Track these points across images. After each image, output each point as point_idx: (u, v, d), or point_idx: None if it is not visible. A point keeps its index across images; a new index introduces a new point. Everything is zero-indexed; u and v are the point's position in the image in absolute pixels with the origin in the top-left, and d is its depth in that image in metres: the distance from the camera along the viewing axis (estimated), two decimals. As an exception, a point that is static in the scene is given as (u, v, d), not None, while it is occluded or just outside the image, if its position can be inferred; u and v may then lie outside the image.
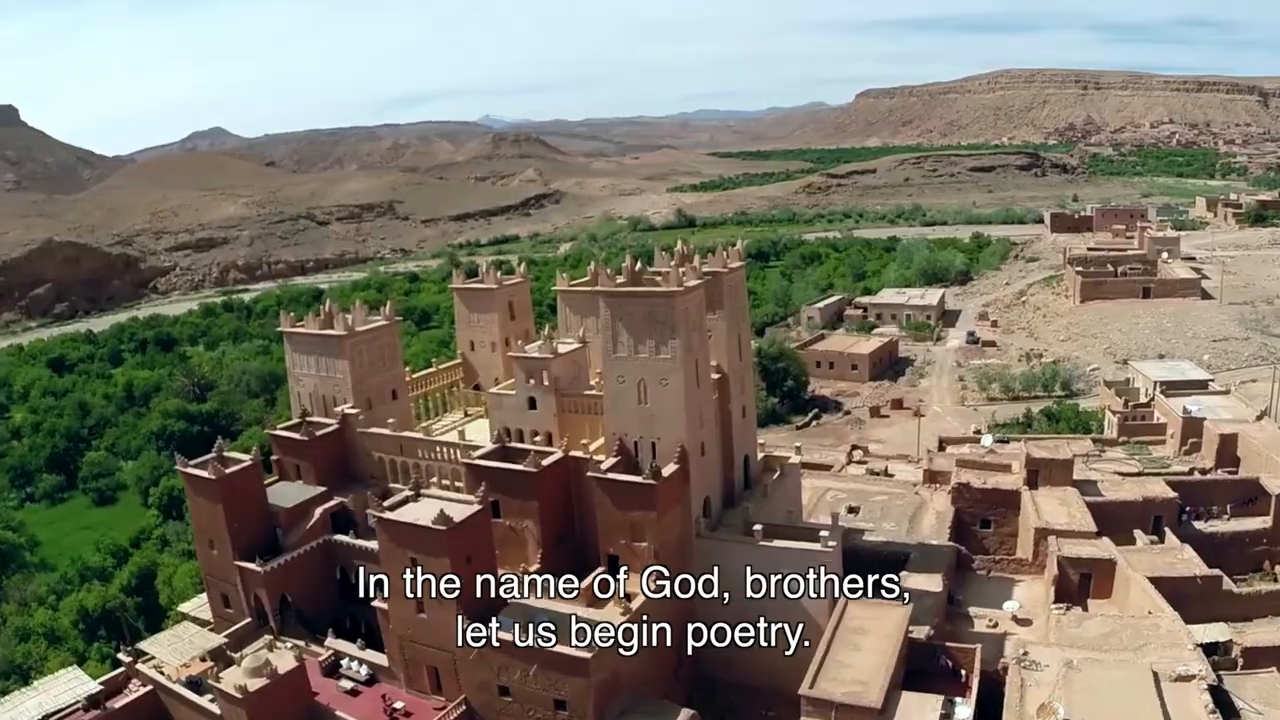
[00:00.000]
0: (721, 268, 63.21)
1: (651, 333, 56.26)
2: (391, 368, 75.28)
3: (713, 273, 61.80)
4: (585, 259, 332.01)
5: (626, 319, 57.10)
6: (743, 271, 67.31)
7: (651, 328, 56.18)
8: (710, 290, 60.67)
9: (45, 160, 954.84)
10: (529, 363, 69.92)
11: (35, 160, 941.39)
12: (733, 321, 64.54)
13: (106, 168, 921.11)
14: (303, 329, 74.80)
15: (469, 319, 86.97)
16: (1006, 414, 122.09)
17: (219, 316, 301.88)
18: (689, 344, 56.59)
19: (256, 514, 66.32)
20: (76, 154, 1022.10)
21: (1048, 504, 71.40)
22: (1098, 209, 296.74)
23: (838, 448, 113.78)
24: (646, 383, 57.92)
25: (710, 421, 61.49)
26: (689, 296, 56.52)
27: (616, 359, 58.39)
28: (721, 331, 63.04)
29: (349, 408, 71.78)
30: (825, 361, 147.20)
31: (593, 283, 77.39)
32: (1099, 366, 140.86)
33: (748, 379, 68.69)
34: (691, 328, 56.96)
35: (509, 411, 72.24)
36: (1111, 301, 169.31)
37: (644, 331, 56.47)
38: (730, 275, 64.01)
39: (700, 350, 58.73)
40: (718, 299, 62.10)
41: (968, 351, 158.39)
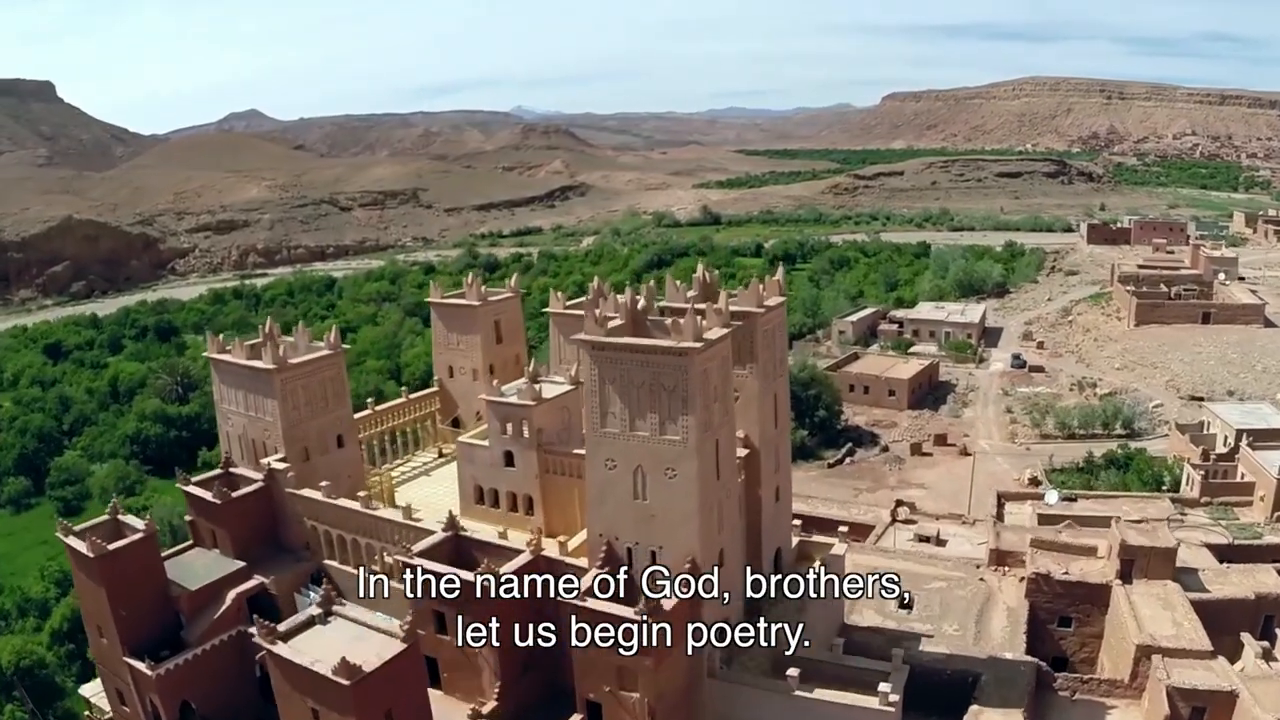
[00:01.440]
0: (756, 306, 47.19)
1: (656, 402, 40.69)
2: (335, 408, 61.34)
3: (744, 314, 46.24)
4: (606, 254, 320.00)
5: (621, 381, 41.20)
6: (783, 310, 50.80)
7: (656, 395, 40.54)
8: (740, 338, 45.45)
9: (80, 137, 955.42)
10: (505, 409, 56.79)
11: (69, 136, 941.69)
12: (768, 377, 48.49)
13: (141, 146, 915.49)
14: (229, 356, 61.33)
15: (447, 340, 74.00)
16: (1064, 456, 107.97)
17: (227, 304, 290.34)
18: (707, 420, 40.82)
19: (152, 598, 52.43)
20: (111, 131, 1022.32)
21: (1147, 607, 57.56)
22: (1136, 221, 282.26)
23: (875, 493, 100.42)
24: (646, 471, 42.21)
25: (733, 519, 46.00)
26: (710, 354, 40.50)
27: (605, 436, 42.76)
28: (753, 392, 47.58)
29: (277, 460, 58.41)
30: (860, 385, 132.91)
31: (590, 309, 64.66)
32: (1162, 403, 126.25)
33: (784, 450, 52.82)
34: (712, 396, 41.27)
35: (481, 467, 59.24)
36: (1169, 327, 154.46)
37: (645, 400, 40.95)
38: (768, 317, 48.08)
39: (723, 426, 42.91)
40: (749, 349, 46.83)
41: (1014, 377, 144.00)
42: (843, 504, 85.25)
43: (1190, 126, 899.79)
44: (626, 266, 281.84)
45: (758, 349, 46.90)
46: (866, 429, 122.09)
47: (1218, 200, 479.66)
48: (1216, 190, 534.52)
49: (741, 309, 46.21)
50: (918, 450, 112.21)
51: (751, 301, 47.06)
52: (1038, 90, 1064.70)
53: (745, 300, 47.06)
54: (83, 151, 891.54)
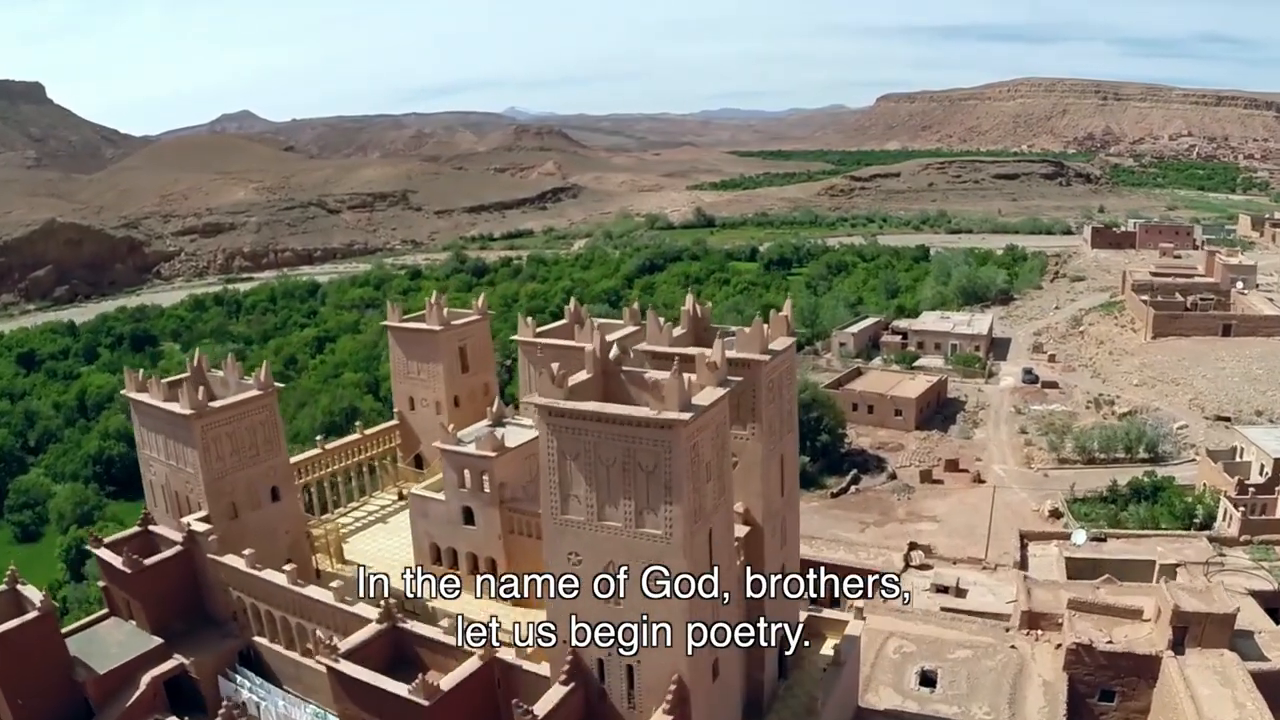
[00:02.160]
0: (759, 352, 37.19)
1: (631, 486, 31.38)
2: (267, 456, 52.78)
3: (745, 362, 36.73)
4: (598, 259, 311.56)
5: (586, 457, 31.71)
6: (792, 353, 41.00)
7: (632, 477, 31.22)
8: (740, 393, 36.11)
9: (69, 138, 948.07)
10: (462, 460, 48.93)
11: (59, 138, 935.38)
12: (773, 437, 38.81)
13: (131, 147, 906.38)
14: (146, 396, 53.06)
15: (407, 369, 66.01)
16: (1085, 483, 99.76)
17: (207, 311, 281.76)
18: (697, 507, 31.61)
19: (54, 683, 44.59)
20: (101, 133, 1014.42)
21: (1204, 684, 49.62)
22: (1141, 225, 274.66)
23: (883, 527, 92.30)
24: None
25: (731, 618, 36.69)
26: (701, 424, 31.05)
27: (567, 525, 33.30)
28: (755, 458, 37.93)
29: (198, 519, 50.21)
30: (863, 404, 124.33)
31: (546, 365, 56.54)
32: (1186, 424, 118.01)
33: (792, 520, 43.49)
34: (704, 476, 31.89)
35: (437, 523, 51.46)
36: (1188, 340, 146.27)
37: (618, 482, 31.60)
38: (774, 365, 38.18)
39: (718, 510, 33.50)
40: (751, 406, 37.32)
41: (1026, 393, 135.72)
42: (850, 546, 77.20)
43: (1186, 127, 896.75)
44: (618, 271, 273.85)
45: (761, 405, 37.19)
46: (872, 453, 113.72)
47: (1216, 202, 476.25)
48: (1214, 192, 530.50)
49: (742, 356, 36.82)
50: (927, 477, 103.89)
51: (754, 345, 37.23)
52: (1033, 91, 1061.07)
53: (746, 342, 37.47)
54: (72, 153, 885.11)
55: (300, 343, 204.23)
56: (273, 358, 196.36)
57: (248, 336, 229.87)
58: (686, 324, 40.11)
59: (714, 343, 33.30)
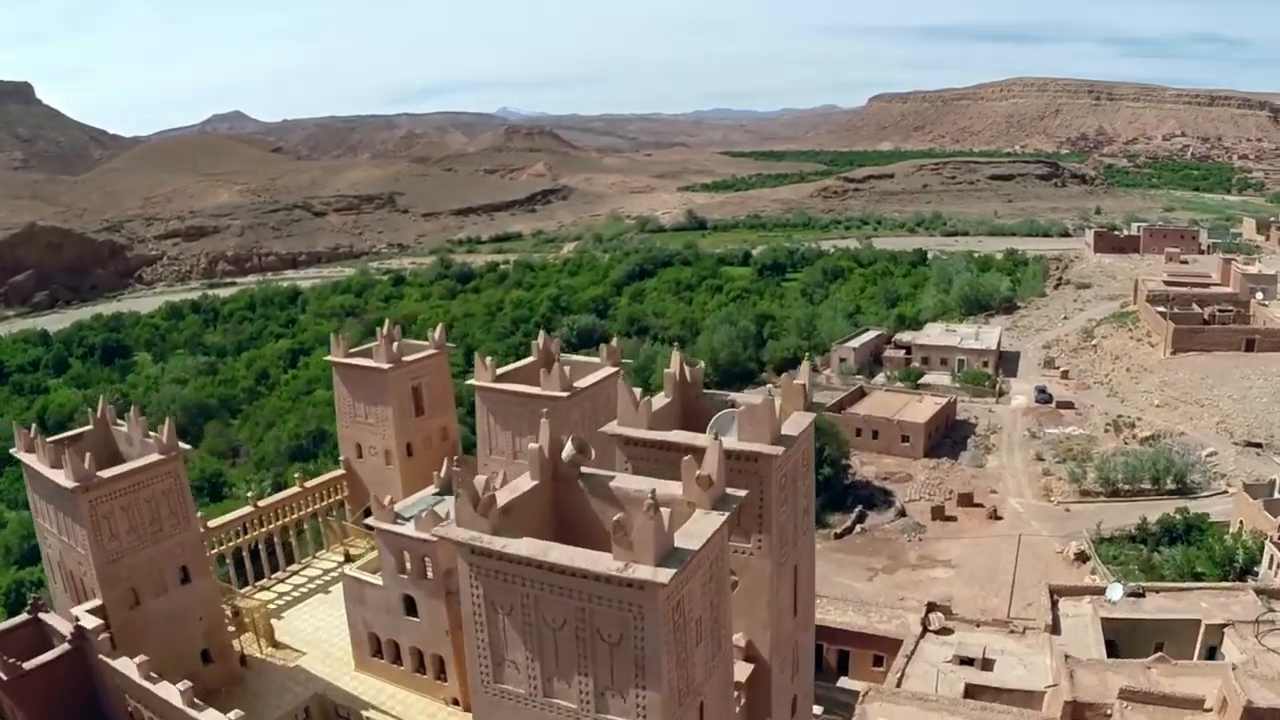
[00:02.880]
0: (768, 440, 27.62)
1: (589, 659, 21.89)
2: (174, 531, 43.96)
3: (750, 456, 27.38)
4: (586, 264, 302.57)
5: (525, 616, 22.30)
6: (810, 432, 30.74)
7: (589, 647, 21.72)
8: (746, 505, 25.80)
9: (57, 139, 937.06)
10: (399, 541, 40.53)
11: (47, 139, 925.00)
12: (785, 547, 29.54)
13: (120, 148, 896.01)
14: (34, 459, 44.22)
15: (353, 411, 57.48)
16: (1112, 520, 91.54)
17: (184, 319, 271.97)
18: (684, 683, 22.09)
19: None
20: (90, 134, 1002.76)
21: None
22: (1145, 228, 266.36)
23: (894, 574, 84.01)
24: None
25: None
26: (688, 574, 21.31)
27: (501, 698, 23.58)
28: (761, 577, 28.63)
29: (90, 609, 41.60)
30: (868, 429, 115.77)
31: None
32: (1215, 450, 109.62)
33: (806, 644, 33.98)
34: (694, 639, 22.36)
35: (375, 612, 43.11)
36: (1209, 355, 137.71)
37: (570, 652, 22.12)
38: (789, 455, 28.51)
39: (712, 676, 23.83)
40: (756, 513, 28.06)
41: (1040, 414, 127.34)
42: (860, 606, 68.74)
43: (1180, 128, 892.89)
44: (606, 278, 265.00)
45: (771, 511, 27.98)
46: (877, 485, 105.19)
47: (1212, 203, 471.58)
48: (1210, 192, 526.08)
49: (746, 448, 27.47)
50: (940, 514, 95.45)
51: (761, 429, 27.59)
52: (1026, 91, 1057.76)
53: (752, 424, 27.84)
54: (60, 154, 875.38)
55: (274, 355, 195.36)
56: (245, 371, 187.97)
57: (222, 347, 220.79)
58: (671, 391, 31.23)
59: (707, 436, 24.45)
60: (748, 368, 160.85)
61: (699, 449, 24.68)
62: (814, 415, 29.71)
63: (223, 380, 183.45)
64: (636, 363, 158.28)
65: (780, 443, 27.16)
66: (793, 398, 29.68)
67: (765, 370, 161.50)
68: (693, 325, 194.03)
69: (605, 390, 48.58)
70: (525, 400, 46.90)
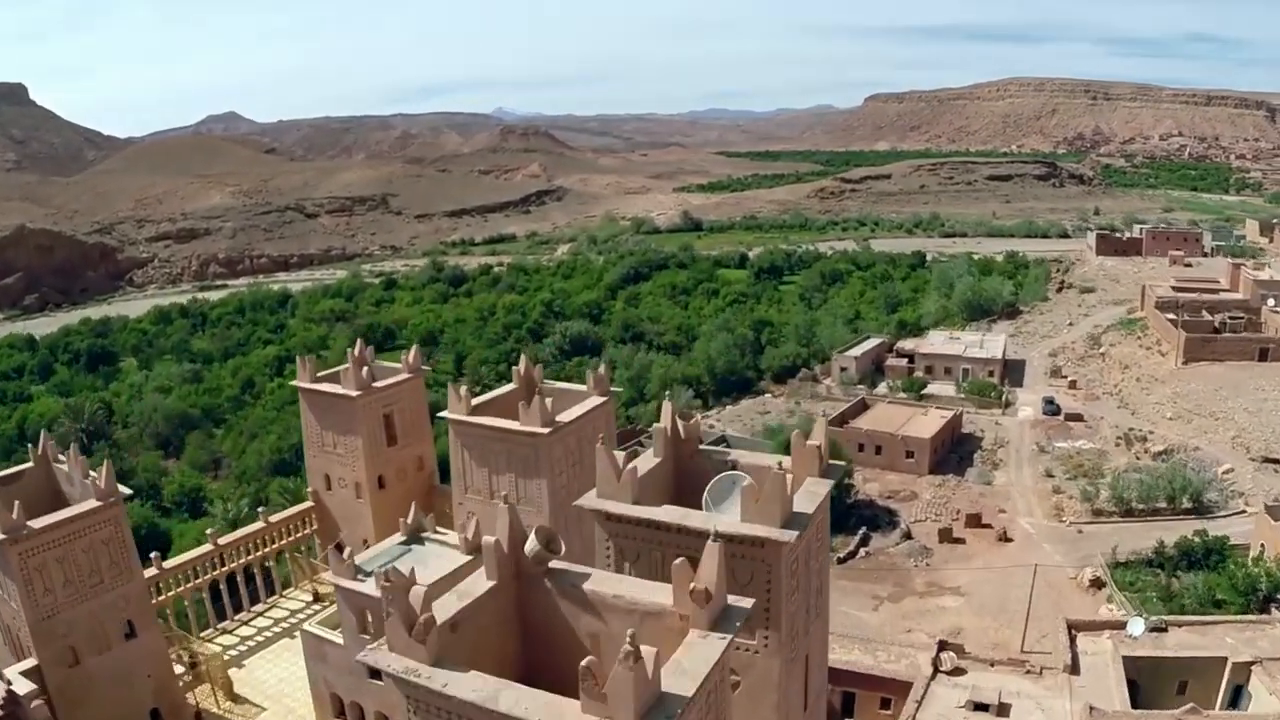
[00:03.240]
0: (778, 523, 23.06)
1: None
2: (116, 583, 39.72)
3: (758, 541, 22.81)
4: (580, 267, 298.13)
5: None
6: (826, 504, 26.40)
7: None
8: (749, 586, 22.80)
9: (51, 140, 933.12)
10: (360, 600, 36.24)
11: (41, 140, 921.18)
12: (796, 639, 24.98)
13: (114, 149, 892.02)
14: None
15: (321, 440, 53.33)
16: (1127, 543, 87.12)
17: (172, 324, 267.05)
18: None
19: None
20: (84, 135, 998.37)
21: None
22: (1147, 230, 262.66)
23: (900, 602, 79.76)
24: None
25: None
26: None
27: None
28: (769, 678, 24.17)
29: (24, 669, 37.17)
30: (871, 445, 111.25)
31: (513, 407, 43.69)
32: (1232, 467, 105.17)
33: None
34: None
35: (337, 672, 38.79)
36: (1222, 365, 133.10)
37: None
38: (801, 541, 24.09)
39: None
40: (765, 605, 23.53)
41: (1048, 427, 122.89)
42: (867, 644, 64.36)
43: (1176, 127, 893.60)
44: (601, 281, 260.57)
45: (780, 602, 23.48)
46: (881, 504, 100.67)
47: (1211, 203, 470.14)
48: (1208, 192, 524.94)
49: (752, 533, 22.76)
50: (947, 536, 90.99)
51: (771, 508, 22.79)
52: (1022, 91, 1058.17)
53: (760, 503, 22.95)
54: (53, 155, 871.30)
55: (260, 363, 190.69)
56: (230, 379, 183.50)
57: (208, 354, 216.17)
58: (663, 449, 26.78)
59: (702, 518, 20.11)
60: (745, 376, 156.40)
61: (693, 532, 20.43)
62: (832, 482, 25.25)
63: (207, 389, 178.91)
64: (630, 372, 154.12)
65: (793, 524, 22.66)
66: (805, 461, 25.35)
67: (764, 379, 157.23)
68: (689, 331, 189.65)
69: (592, 423, 44.49)
70: (503, 436, 42.75)
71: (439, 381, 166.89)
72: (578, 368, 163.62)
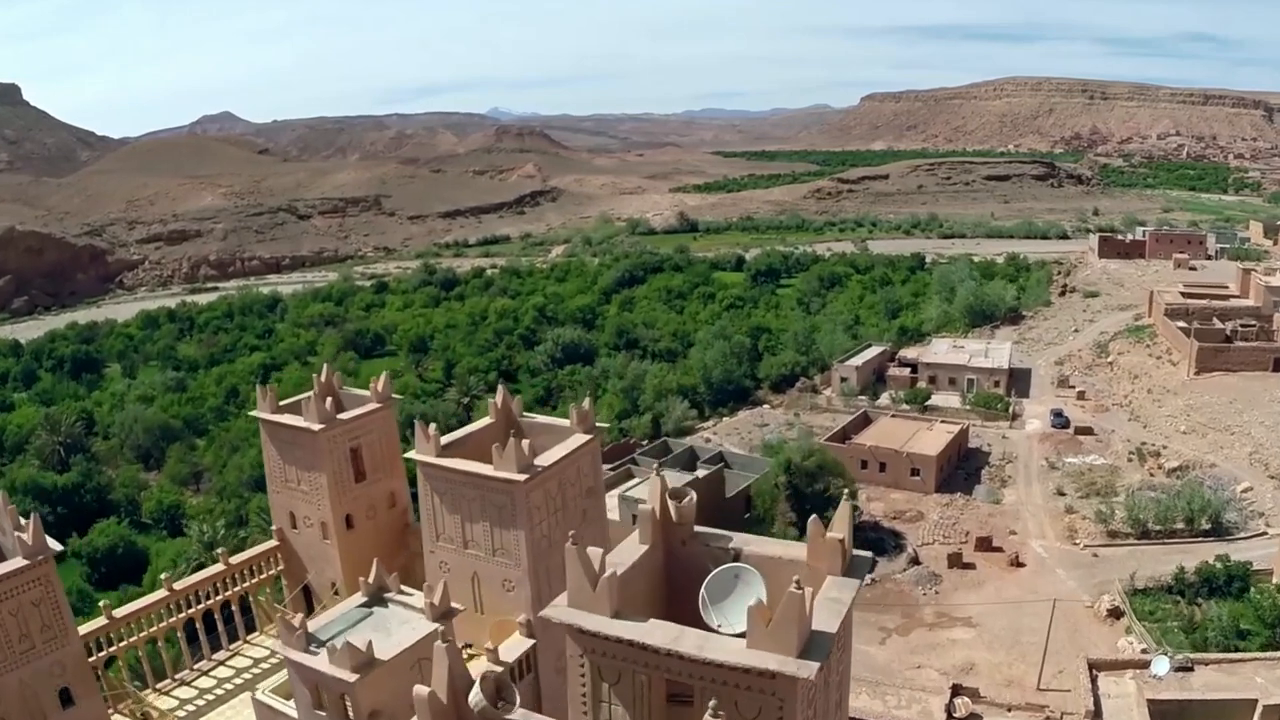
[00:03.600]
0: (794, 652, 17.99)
1: None
2: (50, 648, 35.38)
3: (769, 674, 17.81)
4: (574, 270, 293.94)
5: None
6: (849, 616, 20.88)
7: None
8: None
9: (44, 141, 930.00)
10: (313, 675, 31.88)
11: (34, 140, 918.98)
12: None
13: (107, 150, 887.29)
14: None
15: (284, 475, 48.89)
16: (1146, 567, 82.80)
17: (159, 328, 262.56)
18: None
19: None
20: (77, 135, 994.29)
21: None
22: (1150, 232, 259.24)
23: (908, 635, 75.44)
24: None
25: None
26: None
27: None
28: None
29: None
30: (875, 462, 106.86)
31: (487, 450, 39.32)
32: (1251, 485, 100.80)
33: None
34: None
35: (293, 745, 34.42)
36: (1235, 376, 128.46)
37: None
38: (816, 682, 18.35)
39: None
40: None
41: (1058, 441, 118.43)
42: (875, 686, 60.17)
43: (1174, 127, 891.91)
44: (595, 285, 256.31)
45: None
46: (886, 526, 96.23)
47: (1210, 203, 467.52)
48: (1206, 192, 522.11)
49: (761, 665, 17.96)
50: (956, 561, 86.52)
51: (786, 635, 18.03)
52: (1019, 90, 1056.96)
53: (771, 628, 18.08)
54: (47, 156, 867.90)
55: (245, 370, 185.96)
56: (214, 388, 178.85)
57: (194, 360, 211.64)
58: (650, 535, 22.33)
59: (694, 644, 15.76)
60: (742, 385, 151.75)
61: (688, 660, 16.10)
62: (858, 582, 20.73)
63: (190, 398, 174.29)
64: (624, 382, 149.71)
65: (812, 651, 17.95)
66: (825, 556, 20.86)
67: (761, 388, 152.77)
68: (684, 337, 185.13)
69: (575, 464, 40.19)
70: (476, 482, 38.38)
71: (428, 392, 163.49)
72: (570, 376, 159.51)
